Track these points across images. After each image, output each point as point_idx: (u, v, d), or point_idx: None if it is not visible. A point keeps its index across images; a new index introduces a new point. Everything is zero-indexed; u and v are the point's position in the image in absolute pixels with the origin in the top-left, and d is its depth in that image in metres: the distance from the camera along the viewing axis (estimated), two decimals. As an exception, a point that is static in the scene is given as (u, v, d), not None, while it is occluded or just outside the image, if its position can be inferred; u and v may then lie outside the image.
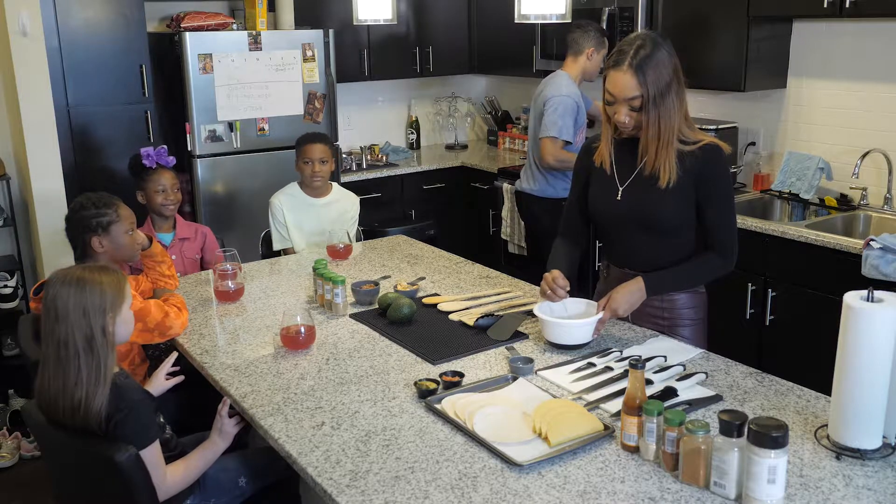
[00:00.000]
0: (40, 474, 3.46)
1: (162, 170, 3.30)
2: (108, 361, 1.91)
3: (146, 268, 2.85)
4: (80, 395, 1.86)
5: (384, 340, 2.44)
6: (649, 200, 2.32)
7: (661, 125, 2.22)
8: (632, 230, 2.39)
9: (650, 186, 2.31)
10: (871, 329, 1.65)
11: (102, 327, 1.91)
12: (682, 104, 2.27)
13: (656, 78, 2.19)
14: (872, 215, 3.72)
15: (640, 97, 2.20)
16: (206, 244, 3.48)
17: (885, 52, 3.67)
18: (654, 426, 1.71)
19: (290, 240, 3.51)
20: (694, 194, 2.30)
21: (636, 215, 2.36)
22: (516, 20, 2.79)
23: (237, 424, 2.16)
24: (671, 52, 2.24)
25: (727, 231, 2.34)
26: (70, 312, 1.89)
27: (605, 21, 4.42)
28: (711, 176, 2.29)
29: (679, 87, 2.25)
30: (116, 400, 1.88)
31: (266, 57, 4.50)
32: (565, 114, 3.92)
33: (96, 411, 1.86)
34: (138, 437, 1.89)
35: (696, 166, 2.27)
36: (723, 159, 2.32)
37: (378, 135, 5.74)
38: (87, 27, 4.11)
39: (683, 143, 2.28)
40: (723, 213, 2.32)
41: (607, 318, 2.33)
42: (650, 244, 2.38)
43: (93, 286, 1.92)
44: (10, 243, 4.24)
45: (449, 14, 5.51)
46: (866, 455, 1.70)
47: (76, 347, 1.88)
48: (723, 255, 2.34)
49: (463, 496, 1.62)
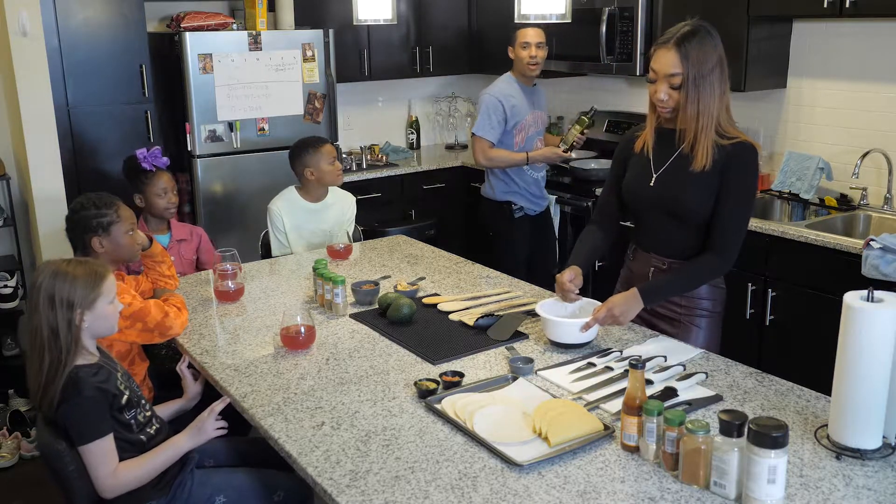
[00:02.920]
0: (40, 474, 3.45)
1: (160, 172, 3.29)
2: (71, 354, 1.97)
3: (146, 268, 2.85)
4: (41, 381, 1.96)
5: (384, 340, 2.44)
6: (679, 187, 2.34)
7: (700, 107, 2.24)
8: (661, 216, 2.41)
9: (683, 174, 2.32)
10: (871, 329, 1.65)
11: (69, 320, 1.97)
12: (723, 95, 2.27)
13: (699, 59, 2.21)
14: (872, 215, 3.72)
15: (680, 75, 2.22)
16: (201, 245, 3.48)
17: (885, 52, 3.67)
18: (654, 426, 1.71)
19: (290, 246, 3.49)
20: (717, 187, 2.30)
21: (666, 201, 2.38)
22: (516, 20, 2.79)
23: (219, 429, 2.14)
24: (718, 42, 2.27)
25: (734, 232, 2.32)
26: (41, 302, 1.97)
27: (605, 21, 4.42)
28: (736, 172, 2.28)
29: (722, 76, 2.26)
30: (68, 390, 1.95)
31: (266, 57, 4.50)
32: (483, 111, 3.97)
33: (50, 398, 1.95)
34: (81, 431, 1.95)
35: (725, 160, 2.27)
36: (752, 160, 2.30)
37: (378, 135, 5.74)
38: (87, 27, 4.11)
39: (720, 136, 2.28)
40: (736, 212, 2.31)
41: (600, 316, 2.30)
42: (678, 231, 2.39)
43: (64, 279, 1.98)
44: (10, 243, 4.24)
45: (449, 14, 5.51)
46: (866, 455, 1.70)
47: (42, 336, 1.96)
48: (721, 256, 2.33)
49: (463, 496, 1.62)
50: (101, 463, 1.97)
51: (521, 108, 3.99)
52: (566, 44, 4.65)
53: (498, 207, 4.11)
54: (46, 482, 2.12)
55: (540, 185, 4.18)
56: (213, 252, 3.46)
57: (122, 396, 2.06)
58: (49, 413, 1.98)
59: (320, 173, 3.44)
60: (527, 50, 3.96)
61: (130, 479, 2.02)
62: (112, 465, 1.99)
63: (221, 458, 2.36)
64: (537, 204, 4.17)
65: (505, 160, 3.98)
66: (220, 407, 2.14)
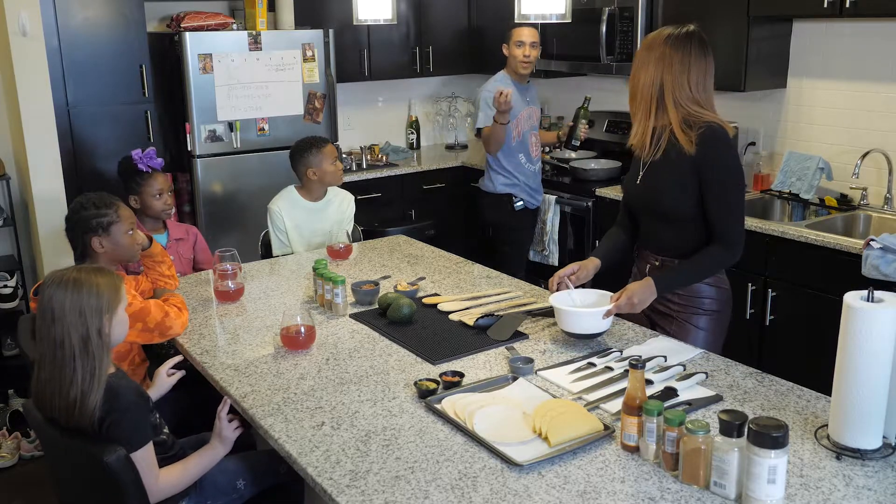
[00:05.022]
0: (40, 474, 3.46)
1: (156, 173, 3.28)
2: (104, 362, 1.92)
3: (146, 268, 2.85)
4: (76, 395, 1.87)
5: (384, 340, 2.44)
6: (657, 186, 2.35)
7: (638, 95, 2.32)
8: (648, 214, 2.44)
9: (661, 172, 2.33)
10: (871, 329, 1.65)
11: (98, 329, 1.92)
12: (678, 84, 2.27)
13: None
14: (872, 215, 3.72)
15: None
16: (196, 244, 3.47)
17: (885, 52, 3.67)
18: (654, 426, 1.71)
19: (290, 245, 3.50)
20: (694, 181, 2.30)
21: (646, 200, 2.40)
22: (516, 20, 2.79)
23: (237, 429, 2.14)
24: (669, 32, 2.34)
25: (727, 220, 2.31)
26: (67, 314, 1.90)
27: (605, 21, 4.42)
28: (707, 161, 2.27)
29: (667, 64, 2.28)
30: (110, 401, 1.89)
31: (266, 57, 4.50)
32: (485, 106, 4.07)
33: (90, 412, 1.87)
34: (131, 440, 1.89)
35: (695, 151, 2.27)
36: (719, 143, 2.27)
37: (378, 135, 5.74)
38: (87, 27, 4.11)
39: (689, 126, 2.28)
40: (720, 201, 2.30)
41: (621, 303, 2.31)
42: (665, 230, 2.41)
43: (90, 287, 1.93)
44: (10, 243, 4.24)
45: (449, 14, 5.51)
46: (866, 455, 1.70)
47: (72, 349, 1.89)
48: (726, 247, 2.32)
49: (463, 496, 1.62)
50: (149, 469, 1.94)
51: (516, 103, 4.06)
52: (566, 43, 4.65)
53: (498, 200, 4.21)
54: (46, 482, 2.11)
55: (537, 178, 4.31)
56: (208, 251, 3.46)
57: (149, 399, 2.07)
58: (89, 426, 1.89)
59: (322, 173, 3.45)
60: (521, 49, 4.08)
61: (171, 486, 2.03)
62: (156, 469, 1.98)
63: None
64: (535, 198, 4.31)
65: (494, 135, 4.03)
66: (224, 410, 2.15)
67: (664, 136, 2.32)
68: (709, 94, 2.33)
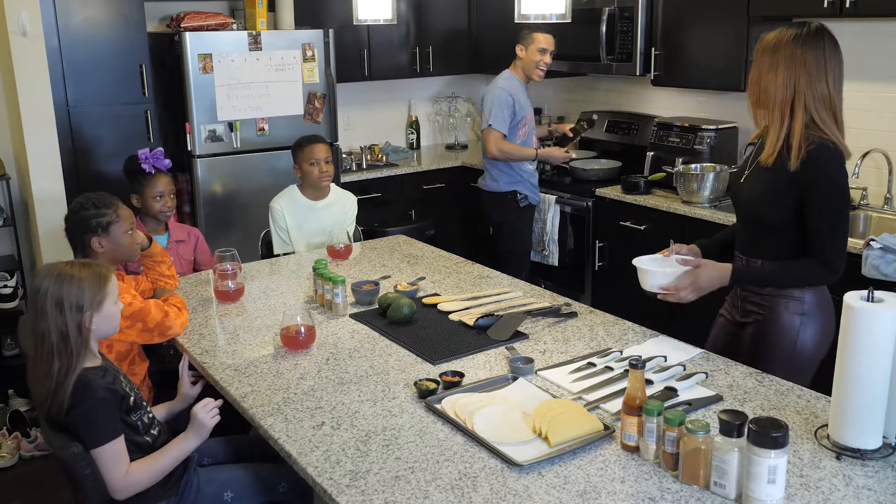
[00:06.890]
0: (40, 474, 3.46)
1: (159, 175, 3.27)
2: (81, 357, 1.96)
3: (146, 268, 2.85)
4: (50, 385, 1.93)
5: (384, 340, 2.44)
6: (752, 188, 2.32)
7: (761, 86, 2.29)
8: (741, 216, 2.41)
9: (762, 175, 2.27)
10: (871, 329, 1.65)
11: (78, 324, 1.95)
12: (800, 90, 2.20)
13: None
14: (872, 215, 3.72)
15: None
16: (198, 246, 3.47)
17: (885, 52, 3.67)
18: (654, 426, 1.71)
19: (292, 244, 3.50)
20: (790, 196, 2.21)
21: (743, 199, 2.37)
22: (516, 20, 2.79)
23: (214, 417, 2.11)
24: (823, 44, 2.28)
25: (826, 237, 2.20)
26: (49, 308, 1.94)
27: (605, 21, 4.42)
28: (809, 176, 2.17)
29: (793, 70, 2.24)
30: (78, 394, 1.94)
31: (266, 57, 4.50)
32: (496, 104, 4.08)
33: (59, 402, 1.93)
34: (92, 434, 1.94)
35: (801, 164, 2.17)
36: (824, 160, 2.17)
37: (378, 135, 5.74)
38: (87, 27, 4.11)
39: (807, 139, 2.18)
40: (819, 216, 2.19)
41: (686, 283, 2.26)
42: (751, 233, 2.36)
43: (70, 282, 1.96)
44: (10, 243, 4.24)
45: (449, 14, 5.51)
46: (866, 455, 1.70)
47: (51, 342, 1.94)
48: (820, 261, 2.22)
49: (463, 496, 1.62)
50: (114, 465, 1.96)
51: (524, 104, 4.14)
52: (566, 43, 4.64)
53: (503, 198, 4.25)
54: (46, 482, 2.13)
55: (536, 175, 4.40)
56: (209, 253, 3.46)
57: (129, 398, 2.06)
58: (59, 417, 1.96)
59: (302, 172, 3.50)
60: (543, 55, 4.12)
61: (141, 479, 2.02)
62: (124, 466, 1.98)
63: (220, 456, 2.36)
64: (536, 194, 4.40)
65: (516, 154, 4.16)
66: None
67: (781, 142, 2.23)
68: (841, 94, 2.26)
